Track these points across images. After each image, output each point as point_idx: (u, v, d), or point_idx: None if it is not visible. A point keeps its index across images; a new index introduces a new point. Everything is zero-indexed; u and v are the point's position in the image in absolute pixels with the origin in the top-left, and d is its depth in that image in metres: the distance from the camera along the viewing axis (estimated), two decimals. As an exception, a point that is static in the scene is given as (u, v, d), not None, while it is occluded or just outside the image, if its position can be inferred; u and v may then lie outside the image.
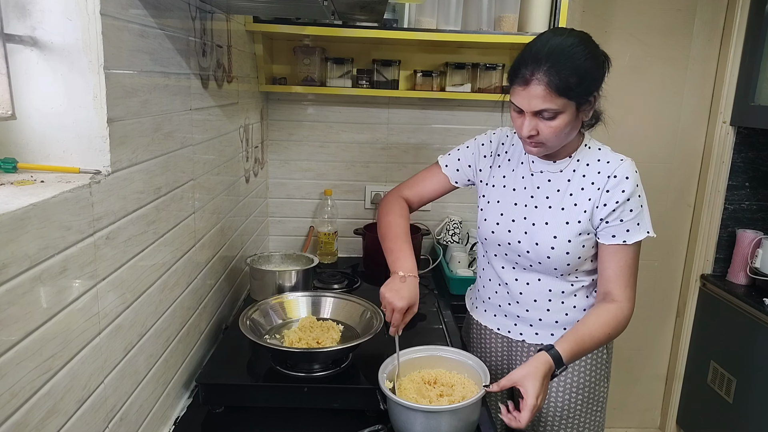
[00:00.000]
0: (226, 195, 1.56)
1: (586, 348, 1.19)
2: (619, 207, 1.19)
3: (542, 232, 1.26)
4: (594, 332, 1.20)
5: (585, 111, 1.19)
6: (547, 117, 1.14)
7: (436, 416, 1.04)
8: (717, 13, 2.32)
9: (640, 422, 2.76)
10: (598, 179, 1.22)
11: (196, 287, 1.30)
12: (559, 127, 1.15)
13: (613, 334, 1.22)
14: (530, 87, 1.12)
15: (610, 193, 1.20)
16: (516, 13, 1.91)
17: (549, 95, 1.11)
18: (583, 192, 1.24)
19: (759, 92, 2.20)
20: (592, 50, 1.15)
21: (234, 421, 1.18)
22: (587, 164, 1.25)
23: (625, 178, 1.20)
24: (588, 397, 1.33)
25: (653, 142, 2.44)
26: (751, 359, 2.18)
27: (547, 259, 1.25)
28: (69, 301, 0.76)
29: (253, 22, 1.78)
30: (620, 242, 1.21)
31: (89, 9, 0.79)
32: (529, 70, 1.12)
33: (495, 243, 1.34)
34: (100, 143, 0.84)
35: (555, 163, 1.28)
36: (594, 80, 1.16)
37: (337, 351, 1.21)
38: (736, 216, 2.41)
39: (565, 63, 1.10)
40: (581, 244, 1.24)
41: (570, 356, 1.16)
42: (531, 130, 1.16)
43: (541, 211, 1.28)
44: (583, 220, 1.23)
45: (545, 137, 1.17)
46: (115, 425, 0.91)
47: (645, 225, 1.22)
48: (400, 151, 2.23)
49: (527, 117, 1.16)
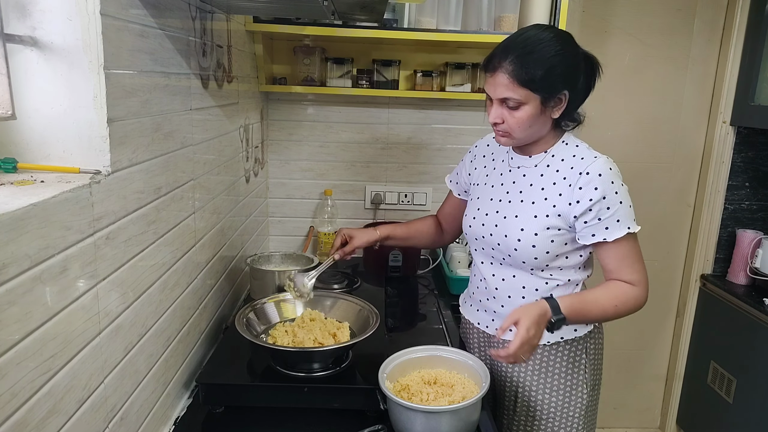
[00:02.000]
0: (226, 195, 1.56)
1: (588, 310, 1.21)
2: (595, 205, 1.19)
3: (511, 224, 1.27)
4: (600, 298, 1.21)
5: (552, 108, 1.20)
6: (511, 106, 1.18)
7: (436, 416, 1.04)
8: (717, 13, 2.32)
9: (640, 422, 2.76)
10: (570, 174, 1.23)
11: (196, 287, 1.30)
12: (522, 119, 1.18)
13: (621, 307, 1.22)
14: (496, 75, 1.17)
15: (582, 191, 1.20)
16: (516, 13, 1.91)
17: (511, 84, 1.15)
18: (554, 186, 1.24)
19: (759, 92, 2.20)
20: (567, 48, 1.17)
21: (234, 421, 1.18)
22: (561, 159, 1.26)
23: (597, 175, 1.19)
24: (562, 401, 1.32)
25: (653, 142, 2.44)
26: (751, 359, 2.18)
27: (514, 251, 1.26)
28: (69, 301, 0.76)
29: (253, 22, 1.78)
30: (601, 240, 1.21)
31: (89, 9, 0.79)
32: (497, 59, 1.17)
33: (473, 237, 1.38)
34: (100, 143, 0.84)
35: (530, 158, 1.30)
36: (562, 77, 1.17)
37: (334, 350, 1.21)
38: (736, 216, 2.41)
39: (532, 55, 1.14)
40: (549, 238, 1.23)
41: (569, 310, 1.17)
42: (496, 118, 1.21)
43: (513, 204, 1.29)
44: (551, 214, 1.23)
45: (509, 126, 1.20)
46: (115, 425, 0.91)
47: (625, 221, 1.20)
48: (400, 151, 2.23)
49: (494, 105, 1.21)
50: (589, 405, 1.34)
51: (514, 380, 1.35)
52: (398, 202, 2.26)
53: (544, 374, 1.32)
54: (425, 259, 2.13)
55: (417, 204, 2.26)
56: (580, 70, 1.21)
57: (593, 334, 1.34)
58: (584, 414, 1.34)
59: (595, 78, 1.27)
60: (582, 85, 1.23)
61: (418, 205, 2.26)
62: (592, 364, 1.34)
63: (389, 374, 1.15)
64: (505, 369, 1.36)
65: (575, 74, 1.20)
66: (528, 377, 1.33)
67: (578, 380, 1.32)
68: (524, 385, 1.34)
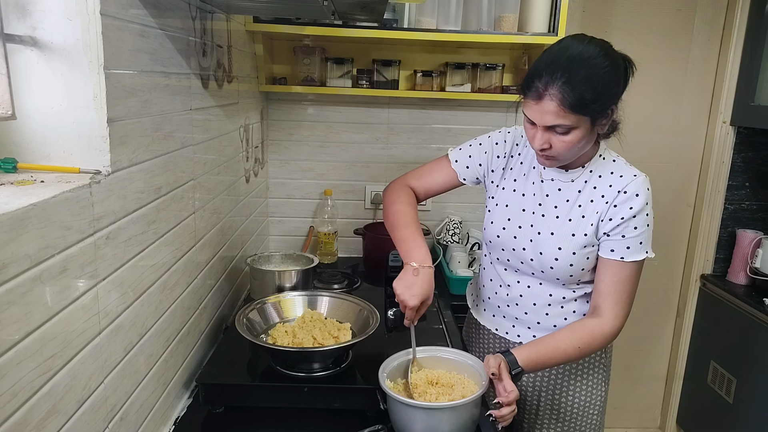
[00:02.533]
0: (226, 195, 1.56)
1: (549, 358, 1.18)
2: (624, 222, 1.17)
3: (547, 242, 1.24)
4: (560, 344, 1.18)
5: (601, 125, 1.15)
6: (560, 132, 1.10)
7: (436, 414, 1.04)
8: (717, 13, 2.32)
9: (640, 422, 2.76)
10: (608, 192, 1.19)
11: (196, 287, 1.30)
12: (572, 142, 1.11)
13: (585, 349, 1.19)
14: (543, 102, 1.07)
15: (617, 208, 1.17)
16: (516, 13, 1.91)
17: (562, 111, 1.06)
18: (591, 204, 1.21)
19: (759, 92, 2.20)
20: (612, 61, 1.09)
21: (234, 421, 1.18)
22: (599, 176, 1.22)
23: (635, 195, 1.17)
24: (585, 399, 1.33)
25: (653, 142, 2.44)
26: (751, 359, 2.18)
27: (550, 269, 1.24)
28: (69, 301, 0.76)
29: (253, 22, 1.78)
30: (618, 258, 1.19)
31: (89, 9, 0.79)
32: (542, 84, 1.07)
33: (499, 247, 1.33)
34: (100, 143, 0.84)
35: (567, 173, 1.25)
36: (611, 95, 1.11)
37: (334, 350, 1.21)
38: (736, 216, 2.41)
39: (582, 77, 1.04)
40: (585, 256, 1.22)
41: (526, 362, 1.15)
42: (543, 144, 1.13)
43: (548, 220, 1.25)
44: (589, 233, 1.21)
45: (557, 151, 1.13)
46: (115, 425, 0.91)
47: (647, 245, 1.19)
48: (400, 151, 2.23)
49: (539, 130, 1.12)
50: (605, 401, 1.37)
51: (537, 384, 1.35)
52: (398, 202, 2.25)
53: (568, 376, 1.32)
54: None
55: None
56: (625, 79, 1.15)
57: None
58: (602, 410, 1.36)
59: (628, 78, 1.19)
60: (622, 93, 1.17)
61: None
62: (608, 362, 1.35)
63: (389, 374, 1.15)
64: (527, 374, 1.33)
65: (621, 87, 1.14)
66: (552, 380, 1.33)
67: (599, 378, 1.33)
68: (548, 386, 1.34)
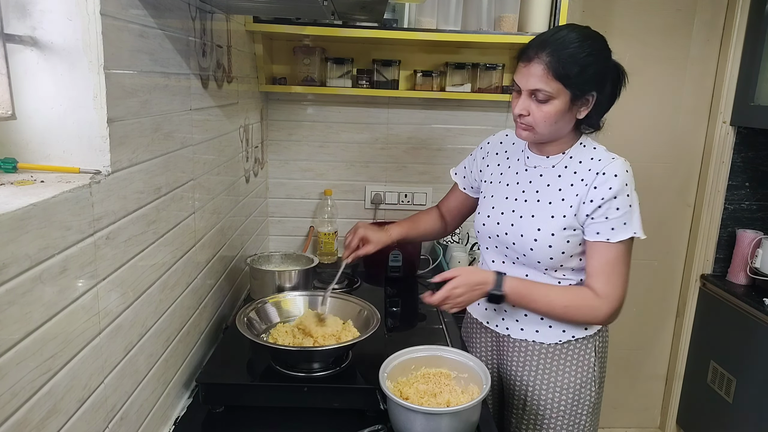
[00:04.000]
0: (226, 195, 1.56)
1: (534, 299, 1.24)
2: (605, 204, 1.19)
3: (527, 224, 1.27)
4: (551, 294, 1.24)
5: (579, 107, 1.21)
6: (540, 98, 1.18)
7: (436, 418, 1.04)
8: (717, 13, 2.32)
9: (640, 422, 2.76)
10: (587, 176, 1.23)
11: (196, 287, 1.30)
12: (550, 113, 1.18)
13: (572, 311, 1.23)
14: (531, 64, 1.17)
15: (597, 190, 1.20)
16: (516, 13, 1.91)
17: (546, 76, 1.15)
18: (572, 188, 1.24)
19: (759, 92, 2.20)
20: (600, 51, 1.19)
21: (234, 421, 1.18)
22: (579, 161, 1.26)
23: (613, 175, 1.19)
24: (572, 399, 1.33)
25: (653, 142, 2.44)
26: (751, 359, 2.18)
27: (530, 251, 1.27)
28: (69, 301, 0.76)
29: (253, 22, 1.78)
30: (604, 240, 1.21)
31: (89, 9, 0.79)
32: (534, 50, 1.17)
33: (486, 235, 1.38)
34: (100, 143, 0.84)
35: (548, 159, 1.30)
36: (594, 78, 1.18)
37: (335, 349, 1.21)
38: (736, 216, 2.42)
39: (569, 51, 1.15)
40: (565, 239, 1.24)
41: (512, 291, 1.22)
42: (522, 110, 1.20)
43: (530, 204, 1.29)
44: (568, 215, 1.23)
45: (535, 120, 1.20)
46: (115, 425, 0.91)
47: (632, 225, 1.21)
48: (400, 151, 2.23)
49: (523, 96, 1.20)
50: (596, 402, 1.36)
51: (524, 379, 1.35)
52: (398, 202, 2.26)
53: (555, 373, 1.32)
54: (425, 259, 2.14)
55: (417, 204, 2.26)
56: (609, 75, 1.23)
57: (602, 332, 1.35)
58: (592, 412, 1.35)
59: (620, 87, 1.28)
60: (608, 91, 1.24)
61: (418, 205, 2.26)
62: (599, 361, 1.35)
63: (389, 374, 1.15)
64: (515, 369, 1.37)
65: (605, 78, 1.22)
66: (539, 376, 1.34)
67: (587, 378, 1.33)
68: (534, 384, 1.34)
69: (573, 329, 1.30)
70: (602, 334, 1.35)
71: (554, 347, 1.31)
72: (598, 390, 1.36)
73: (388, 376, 1.14)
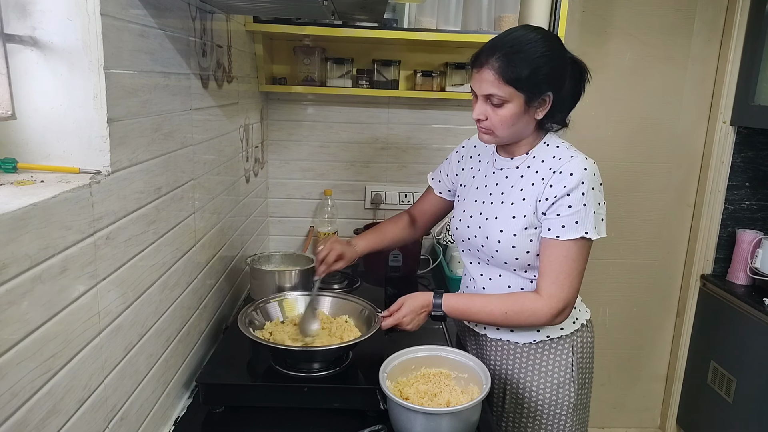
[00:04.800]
0: (226, 195, 1.56)
1: (474, 312, 1.28)
2: (558, 201, 1.19)
3: (491, 226, 1.28)
4: (490, 305, 1.26)
5: (536, 108, 1.21)
6: (495, 103, 1.19)
7: (437, 418, 1.04)
8: (717, 13, 2.32)
9: (640, 422, 2.76)
10: (546, 174, 1.23)
11: (196, 287, 1.30)
12: (506, 117, 1.19)
13: (511, 316, 1.24)
14: (482, 71, 1.18)
15: (552, 188, 1.20)
16: (516, 13, 1.91)
17: (497, 81, 1.16)
18: (532, 187, 1.24)
19: (759, 92, 2.20)
20: (553, 50, 1.18)
21: (234, 421, 1.18)
22: (541, 161, 1.26)
23: (569, 174, 1.19)
24: (549, 398, 1.32)
25: (653, 142, 2.44)
26: (751, 359, 2.18)
27: (496, 252, 1.28)
28: (69, 301, 0.76)
29: (253, 22, 1.78)
30: (553, 237, 1.20)
31: (89, 9, 0.79)
32: (484, 56, 1.18)
33: (459, 239, 1.40)
34: (100, 143, 0.84)
35: (512, 160, 1.31)
36: (548, 78, 1.17)
37: (336, 349, 1.21)
38: (736, 216, 2.41)
39: (518, 54, 1.15)
40: (528, 238, 1.24)
41: (451, 309, 1.28)
42: (479, 114, 1.22)
43: (495, 206, 1.30)
44: (528, 214, 1.24)
45: (492, 124, 1.21)
46: (115, 425, 0.91)
47: (584, 225, 1.18)
48: (400, 151, 2.23)
49: (479, 101, 1.22)
50: (577, 404, 1.34)
51: (503, 377, 1.35)
52: (398, 202, 2.26)
53: (531, 372, 1.32)
54: (425, 259, 2.14)
55: (417, 204, 2.26)
56: (565, 73, 1.22)
57: (580, 332, 1.33)
58: (572, 412, 1.33)
59: (584, 83, 1.27)
60: (569, 89, 1.24)
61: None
62: (579, 362, 1.33)
63: (389, 374, 1.15)
64: (494, 366, 1.37)
65: (561, 77, 1.21)
66: (516, 374, 1.34)
67: (565, 378, 1.32)
68: (512, 381, 1.34)
69: (547, 329, 1.30)
70: (582, 334, 1.33)
71: (529, 346, 1.31)
72: (580, 391, 1.34)
73: (388, 376, 1.14)
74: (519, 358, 1.33)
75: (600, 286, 2.53)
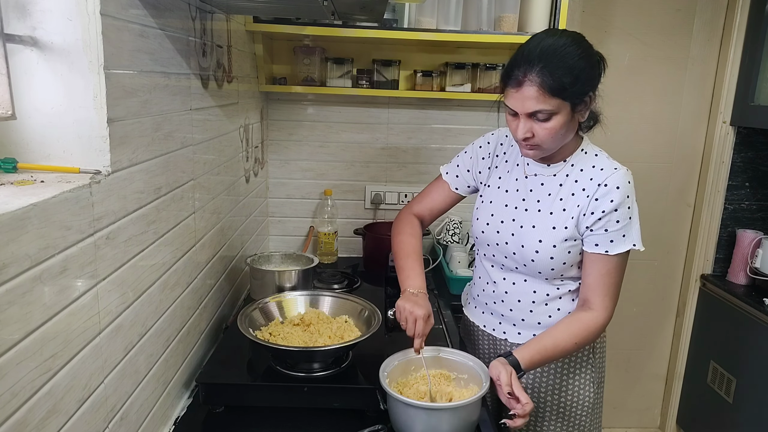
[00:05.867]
0: (226, 195, 1.56)
1: (548, 356, 1.19)
2: (606, 216, 1.18)
3: (528, 235, 1.25)
4: (559, 341, 1.20)
5: (581, 111, 1.17)
6: (541, 118, 1.13)
7: (437, 414, 1.04)
8: (717, 13, 2.32)
9: (640, 422, 2.76)
10: (589, 186, 1.21)
11: (196, 287, 1.30)
12: (555, 129, 1.13)
13: (581, 343, 1.22)
14: (523, 88, 1.11)
15: (598, 202, 1.19)
16: (516, 13, 1.91)
17: (542, 96, 1.10)
18: (573, 198, 1.22)
19: (759, 92, 2.20)
20: (585, 49, 1.14)
21: (234, 421, 1.18)
22: (581, 170, 1.24)
23: (615, 187, 1.18)
24: (571, 400, 1.32)
25: (653, 142, 2.44)
26: (751, 359, 2.18)
27: (531, 262, 1.25)
28: (69, 301, 0.76)
29: (253, 22, 1.78)
30: (602, 252, 1.20)
31: (89, 9, 0.79)
32: (521, 72, 1.11)
33: (485, 243, 1.35)
34: (100, 143, 0.84)
35: (549, 167, 1.27)
36: (588, 79, 1.14)
37: (336, 349, 1.21)
38: (736, 216, 2.41)
39: (558, 63, 1.09)
40: (567, 249, 1.23)
41: (529, 364, 1.17)
42: (526, 133, 1.15)
43: (531, 214, 1.27)
44: (569, 226, 1.22)
45: (541, 139, 1.15)
46: (115, 425, 0.91)
47: (631, 237, 1.20)
48: (400, 151, 2.23)
49: (522, 119, 1.14)
50: (595, 403, 1.35)
51: (523, 381, 1.34)
52: (398, 202, 2.26)
53: (554, 374, 1.32)
54: (425, 259, 2.13)
55: (417, 204, 2.26)
56: (599, 69, 1.19)
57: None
58: (591, 412, 1.35)
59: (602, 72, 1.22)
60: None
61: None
62: (598, 362, 1.35)
63: (389, 374, 1.15)
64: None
65: (597, 74, 1.18)
66: (537, 377, 1.33)
67: (586, 379, 1.33)
68: (533, 385, 1.34)
69: None
70: (601, 336, 1.35)
71: None
72: (597, 390, 1.36)
73: (388, 376, 1.14)
74: None
75: (600, 286, 2.53)
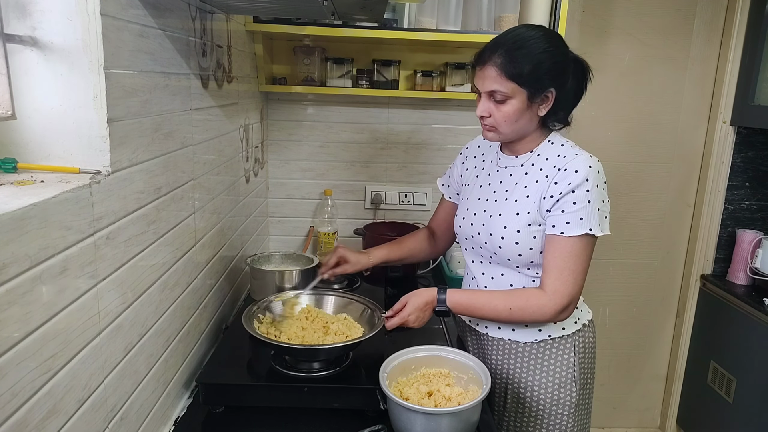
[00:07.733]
0: (226, 195, 1.56)
1: (478, 307, 1.27)
2: (563, 198, 1.20)
3: (495, 222, 1.29)
4: (494, 300, 1.26)
5: (538, 105, 1.22)
6: (498, 99, 1.20)
7: (437, 418, 1.04)
8: (717, 13, 2.32)
9: (640, 422, 2.76)
10: (551, 172, 1.24)
11: (196, 287, 1.30)
12: (509, 113, 1.20)
13: (516, 312, 1.23)
14: (485, 68, 1.20)
15: (557, 185, 1.21)
16: (516, 13, 1.91)
17: (499, 77, 1.18)
18: (536, 184, 1.25)
19: (759, 92, 2.20)
20: (555, 48, 1.20)
21: (234, 421, 1.18)
22: (546, 158, 1.27)
23: (574, 171, 1.20)
24: (551, 398, 1.32)
25: (653, 142, 2.44)
26: (751, 359, 2.18)
27: (499, 249, 1.28)
28: (69, 301, 0.76)
29: (253, 22, 1.78)
30: (558, 233, 1.21)
31: (89, 9, 0.79)
32: (488, 53, 1.20)
33: (462, 237, 1.40)
34: (100, 143, 0.84)
35: (517, 158, 1.32)
36: (549, 75, 1.19)
37: (338, 348, 1.21)
38: (736, 216, 2.41)
39: (522, 51, 1.17)
40: (531, 235, 1.25)
41: (455, 305, 1.28)
42: (483, 111, 1.23)
43: (499, 203, 1.31)
44: (531, 211, 1.24)
45: (496, 120, 1.22)
46: (115, 425, 0.91)
47: (589, 222, 1.19)
48: (400, 151, 2.23)
49: (482, 98, 1.23)
50: (579, 404, 1.34)
51: (504, 376, 1.36)
52: (398, 202, 2.26)
53: (533, 371, 1.32)
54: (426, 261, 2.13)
55: (417, 204, 2.26)
56: (568, 70, 1.23)
57: (582, 332, 1.33)
58: (574, 412, 1.34)
59: (585, 82, 1.29)
60: (571, 87, 1.25)
61: (418, 205, 2.26)
62: (581, 362, 1.33)
63: (389, 374, 1.15)
64: (495, 365, 1.37)
65: (563, 73, 1.22)
66: (517, 374, 1.34)
67: (567, 378, 1.32)
68: (514, 381, 1.34)
69: (549, 329, 1.30)
70: (583, 334, 1.34)
71: (530, 346, 1.31)
72: (581, 391, 1.34)
73: (388, 376, 1.14)
74: (521, 357, 1.33)
75: (600, 286, 2.54)
